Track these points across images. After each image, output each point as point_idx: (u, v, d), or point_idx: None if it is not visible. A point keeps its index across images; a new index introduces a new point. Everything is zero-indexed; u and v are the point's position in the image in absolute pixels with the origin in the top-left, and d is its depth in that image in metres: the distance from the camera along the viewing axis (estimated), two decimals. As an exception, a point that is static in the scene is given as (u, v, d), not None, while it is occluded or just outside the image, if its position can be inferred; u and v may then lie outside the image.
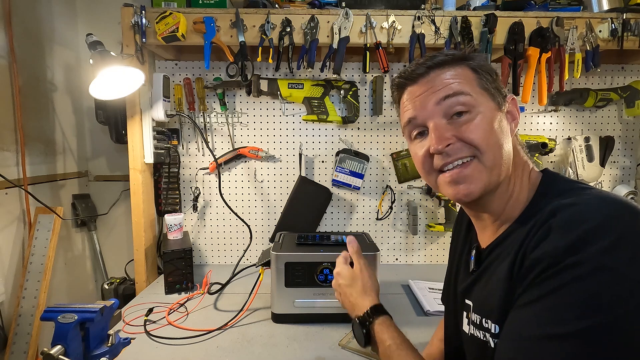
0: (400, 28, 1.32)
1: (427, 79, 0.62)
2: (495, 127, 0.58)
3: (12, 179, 1.26)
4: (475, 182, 0.58)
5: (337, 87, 1.52)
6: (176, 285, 1.33)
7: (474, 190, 0.59)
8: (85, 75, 1.65)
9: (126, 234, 1.71)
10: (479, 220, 0.67)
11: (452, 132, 0.59)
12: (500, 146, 0.58)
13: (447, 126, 0.59)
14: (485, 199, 0.61)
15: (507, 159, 0.59)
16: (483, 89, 0.60)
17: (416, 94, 0.62)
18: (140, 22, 1.27)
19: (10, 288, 1.31)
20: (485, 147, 0.57)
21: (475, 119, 0.58)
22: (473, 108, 0.59)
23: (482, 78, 0.61)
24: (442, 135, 0.59)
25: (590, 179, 1.57)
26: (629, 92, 1.52)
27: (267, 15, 1.29)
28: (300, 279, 1.10)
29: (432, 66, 0.62)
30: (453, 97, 0.59)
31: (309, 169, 1.60)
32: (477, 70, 0.61)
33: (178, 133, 1.56)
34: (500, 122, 0.60)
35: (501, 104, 0.62)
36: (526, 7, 1.39)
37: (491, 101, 0.60)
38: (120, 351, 0.87)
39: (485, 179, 0.58)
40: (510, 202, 0.61)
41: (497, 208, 0.62)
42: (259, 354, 0.97)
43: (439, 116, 0.60)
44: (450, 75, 0.60)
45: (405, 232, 1.64)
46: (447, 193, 0.62)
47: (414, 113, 0.62)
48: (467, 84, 0.60)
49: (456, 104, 0.59)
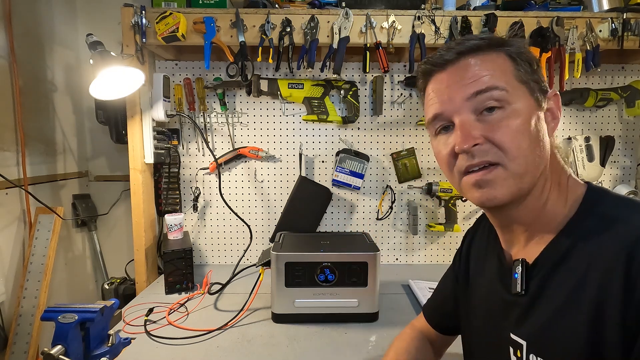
0: (400, 28, 1.32)
1: (457, 66, 0.54)
2: (531, 128, 0.51)
3: (13, 179, 1.26)
4: (501, 187, 0.52)
5: (337, 87, 1.51)
6: (176, 285, 1.33)
7: (498, 195, 0.52)
8: (85, 75, 1.64)
9: (126, 234, 1.71)
10: (506, 230, 0.60)
11: (480, 131, 0.51)
12: (534, 150, 0.51)
13: (475, 123, 0.52)
14: (514, 206, 0.55)
15: (541, 165, 0.52)
16: (521, 81, 0.53)
17: (444, 84, 0.55)
18: (140, 22, 1.27)
19: (10, 288, 1.31)
20: (516, 151, 0.50)
21: (508, 118, 0.51)
22: (507, 104, 0.51)
23: (520, 68, 0.53)
24: (469, 134, 0.51)
25: (590, 179, 1.57)
26: (629, 92, 1.52)
27: (267, 15, 1.29)
28: (301, 279, 1.10)
29: (464, 51, 0.54)
30: (486, 93, 0.51)
31: (309, 169, 1.60)
32: (515, 59, 0.53)
33: (178, 133, 1.56)
34: (537, 121, 0.52)
35: (541, 100, 0.54)
36: (526, 6, 1.39)
37: (529, 97, 0.53)
38: (121, 351, 0.88)
39: (513, 185, 0.51)
40: (545, 210, 0.55)
41: (527, 217, 0.55)
42: (259, 354, 0.97)
43: (467, 112, 0.53)
44: (484, 64, 0.53)
45: (405, 232, 1.64)
46: (471, 197, 0.55)
47: (441, 108, 0.55)
48: (502, 76, 0.52)
49: (489, 99, 0.51)
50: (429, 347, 0.83)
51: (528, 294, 0.54)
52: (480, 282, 0.67)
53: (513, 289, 0.56)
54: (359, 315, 1.12)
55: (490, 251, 0.66)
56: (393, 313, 1.18)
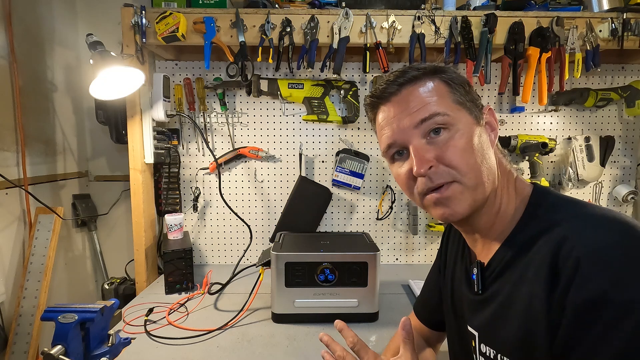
0: (400, 28, 1.32)
1: (399, 97, 0.59)
2: (474, 144, 0.57)
3: (13, 179, 1.27)
4: (459, 202, 0.57)
5: (337, 87, 1.51)
6: (176, 285, 1.33)
7: (459, 210, 0.57)
8: (85, 75, 1.65)
9: (126, 234, 1.71)
10: (470, 235, 0.66)
11: (432, 153, 0.57)
12: (482, 163, 0.57)
13: (426, 147, 0.57)
14: (473, 217, 0.60)
15: (490, 174, 0.58)
16: (458, 103, 0.58)
17: (391, 115, 0.60)
18: (140, 22, 1.27)
19: (10, 288, 1.31)
20: (466, 167, 0.56)
21: (454, 138, 0.56)
22: (451, 126, 0.57)
23: (455, 92, 0.59)
24: (423, 157, 0.57)
25: (590, 179, 1.57)
26: (629, 92, 1.52)
27: (267, 15, 1.29)
28: (301, 279, 1.10)
29: (404, 83, 0.59)
30: (430, 120, 0.57)
31: (309, 169, 1.60)
32: (450, 84, 0.59)
33: (178, 133, 1.56)
34: (479, 136, 0.58)
35: (479, 117, 0.60)
36: (526, 6, 1.39)
37: (468, 116, 0.59)
38: (121, 351, 0.88)
39: (469, 198, 0.57)
40: (499, 215, 0.60)
41: (486, 224, 0.61)
42: (259, 354, 0.97)
43: (417, 137, 0.58)
44: (424, 92, 0.58)
45: (405, 232, 1.64)
46: (434, 214, 0.60)
47: (393, 137, 0.60)
48: (441, 102, 0.58)
49: (434, 124, 0.57)
50: (423, 344, 0.85)
51: (483, 292, 0.61)
52: (454, 276, 0.73)
53: (473, 287, 0.63)
54: (359, 315, 1.12)
55: (461, 249, 0.72)
56: (393, 313, 1.18)
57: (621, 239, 0.47)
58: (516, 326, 0.53)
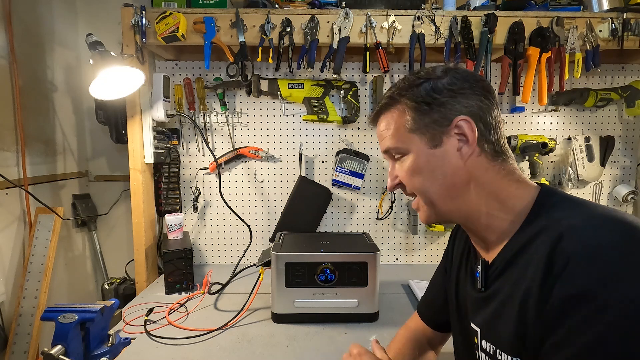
0: (400, 28, 1.32)
1: (377, 123, 0.69)
2: (422, 167, 0.61)
3: (13, 179, 1.26)
4: (423, 213, 0.65)
5: (337, 87, 1.51)
6: (176, 285, 1.33)
7: (424, 218, 0.66)
8: (85, 75, 1.65)
9: (126, 234, 1.71)
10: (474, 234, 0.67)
11: (396, 172, 0.66)
12: (431, 183, 0.61)
13: (393, 169, 0.67)
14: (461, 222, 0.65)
15: (452, 191, 0.61)
16: (411, 131, 0.61)
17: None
18: (140, 22, 1.27)
19: (10, 288, 1.31)
20: (412, 189, 0.64)
21: (405, 162, 0.63)
22: (405, 151, 0.63)
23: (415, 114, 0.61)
24: (391, 176, 0.68)
25: (590, 179, 1.57)
26: (629, 92, 1.52)
27: (267, 15, 1.29)
28: (301, 279, 1.10)
29: (378, 111, 0.67)
30: (387, 152, 0.66)
31: (309, 169, 1.60)
32: (415, 103, 0.61)
33: (178, 133, 1.56)
34: (430, 159, 0.61)
35: (438, 136, 0.60)
36: (526, 6, 1.39)
37: (420, 140, 0.61)
38: (121, 351, 0.87)
39: (428, 211, 0.64)
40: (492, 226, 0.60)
41: (479, 230, 0.63)
42: (259, 354, 0.97)
43: (389, 159, 0.68)
44: (385, 125, 0.65)
45: (405, 232, 1.64)
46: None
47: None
48: (395, 134, 0.63)
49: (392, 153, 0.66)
50: (426, 346, 0.85)
51: (486, 289, 0.63)
52: (459, 275, 0.74)
53: (477, 285, 0.65)
54: (359, 315, 1.12)
55: (467, 248, 0.73)
56: (393, 313, 1.18)
57: (621, 239, 0.47)
58: (512, 322, 0.54)
